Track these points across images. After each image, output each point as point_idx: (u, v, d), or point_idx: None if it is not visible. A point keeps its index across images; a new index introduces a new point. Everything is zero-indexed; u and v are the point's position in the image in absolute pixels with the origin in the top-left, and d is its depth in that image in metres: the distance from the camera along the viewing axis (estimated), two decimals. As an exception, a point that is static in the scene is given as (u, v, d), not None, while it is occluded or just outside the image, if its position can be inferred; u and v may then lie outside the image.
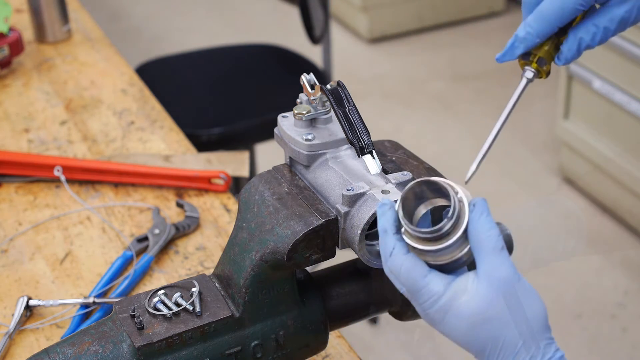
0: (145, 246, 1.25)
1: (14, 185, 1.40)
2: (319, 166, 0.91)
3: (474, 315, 0.72)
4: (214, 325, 0.88)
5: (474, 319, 0.72)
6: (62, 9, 1.85)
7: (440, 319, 0.74)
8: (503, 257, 0.73)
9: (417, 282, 0.74)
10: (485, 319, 0.72)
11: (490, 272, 0.73)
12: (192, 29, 4.20)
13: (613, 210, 2.84)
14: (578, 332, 2.46)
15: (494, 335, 0.72)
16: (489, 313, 0.72)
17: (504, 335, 0.72)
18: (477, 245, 0.73)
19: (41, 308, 1.15)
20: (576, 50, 0.85)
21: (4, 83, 1.71)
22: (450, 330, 0.74)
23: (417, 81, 3.74)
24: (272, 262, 0.86)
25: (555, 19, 0.83)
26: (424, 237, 0.74)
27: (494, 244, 0.73)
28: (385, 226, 0.76)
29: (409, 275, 0.74)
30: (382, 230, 0.76)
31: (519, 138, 3.30)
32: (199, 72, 2.48)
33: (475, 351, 0.74)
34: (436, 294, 0.74)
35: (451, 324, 0.74)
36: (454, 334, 0.74)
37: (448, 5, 4.10)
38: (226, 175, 1.38)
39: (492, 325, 0.72)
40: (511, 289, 0.73)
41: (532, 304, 0.73)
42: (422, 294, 0.74)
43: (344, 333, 1.13)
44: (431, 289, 0.74)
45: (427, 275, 0.74)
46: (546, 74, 0.85)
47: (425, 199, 0.77)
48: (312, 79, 0.92)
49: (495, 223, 0.74)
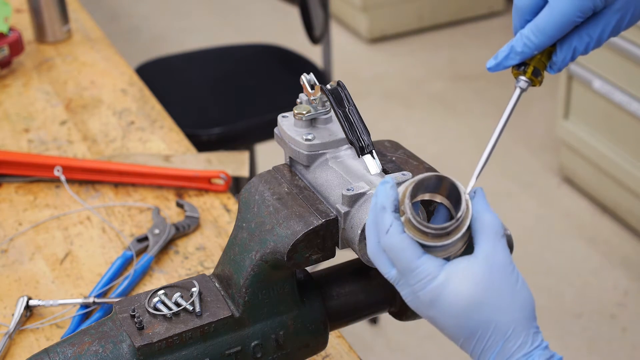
0: (145, 246, 1.25)
1: (14, 185, 1.40)
2: (319, 166, 0.91)
3: (469, 297, 0.72)
4: (214, 325, 0.88)
5: (468, 300, 0.72)
6: (62, 9, 1.85)
7: (432, 301, 0.73)
8: (503, 243, 0.74)
9: (411, 261, 0.73)
10: (479, 302, 0.72)
11: (489, 256, 0.73)
12: (192, 29, 4.20)
13: (613, 210, 2.84)
14: (578, 332, 2.46)
15: (486, 319, 0.72)
16: (484, 296, 0.72)
17: (497, 320, 0.72)
18: (479, 229, 0.74)
19: (41, 308, 1.15)
20: (570, 59, 0.84)
21: (4, 83, 1.71)
22: (441, 314, 0.74)
23: (417, 81, 3.74)
24: (272, 262, 0.86)
25: (555, 33, 0.81)
26: (428, 231, 0.74)
27: (496, 229, 0.74)
28: (384, 203, 0.75)
29: (404, 253, 0.73)
30: (380, 207, 0.75)
31: (519, 138, 3.30)
32: (199, 72, 2.48)
33: (465, 336, 0.74)
34: (430, 274, 0.73)
35: (443, 307, 0.73)
36: (444, 319, 0.74)
37: (448, 5, 4.10)
38: (226, 175, 1.38)
39: (485, 309, 0.72)
40: (508, 274, 0.73)
41: (524, 292, 0.74)
42: (416, 274, 0.73)
43: (344, 333, 1.13)
44: (426, 268, 0.73)
45: (422, 256, 0.74)
46: (539, 83, 0.85)
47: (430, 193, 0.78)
48: (312, 79, 0.92)
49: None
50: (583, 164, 2.89)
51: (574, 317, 2.51)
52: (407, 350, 2.43)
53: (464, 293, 0.72)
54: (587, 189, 2.94)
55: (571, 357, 2.39)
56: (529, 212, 2.94)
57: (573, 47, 0.83)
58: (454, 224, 0.74)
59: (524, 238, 2.78)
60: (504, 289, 0.73)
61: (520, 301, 0.73)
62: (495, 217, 0.74)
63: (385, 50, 3.98)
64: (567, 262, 2.72)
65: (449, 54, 3.93)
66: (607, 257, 2.72)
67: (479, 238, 0.74)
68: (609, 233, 2.81)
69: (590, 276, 2.66)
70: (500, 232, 0.74)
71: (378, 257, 0.76)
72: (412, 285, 0.74)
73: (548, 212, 2.93)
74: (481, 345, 0.73)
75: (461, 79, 3.73)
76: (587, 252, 2.75)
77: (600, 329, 2.47)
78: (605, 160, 2.75)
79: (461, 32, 4.11)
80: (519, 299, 0.73)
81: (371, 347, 2.43)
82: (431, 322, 0.76)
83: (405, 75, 3.78)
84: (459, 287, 0.73)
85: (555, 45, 0.83)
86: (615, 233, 2.81)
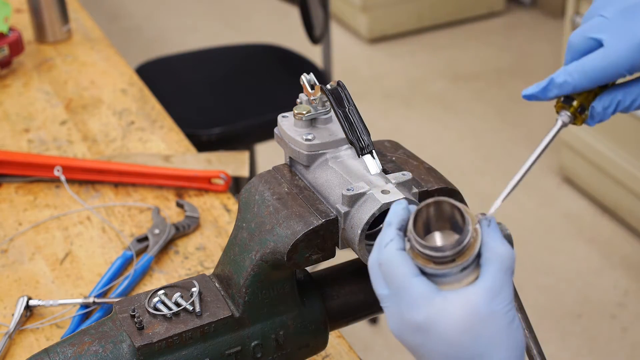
0: (145, 246, 1.25)
1: (14, 185, 1.40)
2: (319, 166, 0.91)
3: (465, 326, 0.67)
4: (214, 325, 0.88)
5: (463, 329, 0.67)
6: (62, 9, 1.85)
7: (421, 326, 0.68)
8: (511, 280, 0.70)
9: (406, 279, 0.69)
10: (476, 333, 0.68)
11: (493, 289, 0.68)
12: (192, 29, 4.20)
13: (613, 210, 2.84)
14: (578, 332, 2.46)
15: (479, 353, 0.68)
16: (481, 328, 0.67)
17: (489, 356, 0.68)
18: (489, 258, 0.69)
19: (41, 308, 1.15)
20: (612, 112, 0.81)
21: (4, 83, 1.71)
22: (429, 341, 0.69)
23: (417, 81, 3.74)
24: (272, 262, 0.86)
25: (597, 78, 0.78)
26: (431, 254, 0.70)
27: (508, 264, 0.69)
28: (391, 220, 0.72)
29: (399, 270, 0.69)
30: (387, 223, 0.72)
31: (519, 138, 3.30)
32: (199, 72, 2.48)
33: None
34: (425, 296, 0.68)
35: (435, 334, 0.68)
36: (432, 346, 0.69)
37: (448, 5, 4.10)
38: (226, 175, 1.38)
39: (480, 342, 0.68)
40: (506, 312, 0.68)
41: (518, 333, 0.69)
42: (409, 293, 0.69)
43: (344, 333, 1.13)
44: (421, 289, 0.68)
45: (418, 275, 0.69)
46: (582, 122, 0.82)
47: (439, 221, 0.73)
48: (312, 79, 0.92)
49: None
50: (583, 164, 2.89)
51: (574, 317, 2.51)
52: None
53: (460, 321, 0.67)
54: (587, 189, 2.94)
55: (571, 357, 2.39)
56: (529, 212, 2.94)
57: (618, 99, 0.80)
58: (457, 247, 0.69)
59: (524, 238, 2.79)
60: (502, 325, 0.68)
61: (514, 341, 0.69)
62: (510, 249, 0.69)
63: (385, 50, 3.99)
64: (567, 262, 2.72)
65: (449, 54, 3.93)
66: (607, 257, 2.72)
67: (487, 268, 0.69)
68: (609, 233, 2.81)
69: (590, 276, 2.66)
70: (512, 268, 0.69)
71: (373, 271, 0.73)
72: (401, 306, 0.69)
73: (548, 212, 2.93)
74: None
75: (461, 79, 3.73)
76: (587, 252, 2.75)
77: (600, 329, 2.47)
78: (605, 160, 2.75)
79: (461, 32, 4.11)
80: (513, 338, 0.69)
81: (371, 347, 2.43)
82: (411, 349, 0.72)
83: (405, 75, 3.78)
84: (456, 314, 0.67)
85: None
86: (615, 233, 2.81)
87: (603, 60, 0.78)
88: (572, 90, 0.80)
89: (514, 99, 3.54)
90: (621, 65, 0.77)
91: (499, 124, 3.41)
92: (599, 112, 0.81)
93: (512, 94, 3.59)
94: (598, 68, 0.78)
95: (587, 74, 0.78)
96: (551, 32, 4.03)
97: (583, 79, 0.79)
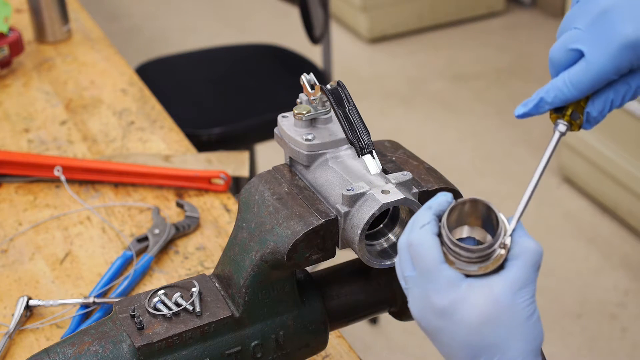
0: (145, 246, 1.25)
1: (14, 185, 1.40)
2: (319, 166, 0.91)
3: (487, 314, 0.69)
4: (214, 325, 0.88)
5: (485, 318, 0.69)
6: (62, 9, 1.85)
7: (445, 309, 0.70)
8: (535, 276, 0.72)
9: (436, 263, 0.71)
10: (496, 322, 0.69)
11: (518, 281, 0.70)
12: (192, 29, 4.20)
13: (613, 210, 2.84)
14: (578, 332, 2.46)
15: (497, 342, 0.70)
16: (502, 318, 0.70)
17: (507, 345, 0.70)
18: (517, 253, 0.71)
19: (41, 308, 1.15)
20: (607, 112, 0.82)
21: (4, 83, 1.71)
22: (452, 326, 0.71)
23: (417, 81, 3.74)
24: (272, 262, 0.86)
25: (587, 88, 0.79)
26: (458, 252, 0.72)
27: (535, 260, 0.71)
28: (432, 205, 0.74)
29: (431, 253, 0.71)
30: (427, 206, 0.74)
31: (519, 138, 3.30)
32: (199, 72, 2.48)
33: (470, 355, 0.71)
34: (452, 281, 0.70)
35: (457, 319, 0.70)
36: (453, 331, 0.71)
37: (448, 6, 4.10)
38: (226, 175, 1.38)
39: (500, 331, 0.70)
40: (528, 304, 0.71)
41: (538, 326, 0.71)
42: (437, 277, 0.71)
43: (344, 333, 1.13)
44: (449, 274, 0.71)
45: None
46: (578, 127, 0.82)
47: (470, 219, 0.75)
48: (312, 79, 0.92)
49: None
50: (583, 164, 2.89)
51: (574, 317, 2.51)
52: (407, 350, 2.43)
53: (482, 310, 0.70)
54: (587, 189, 2.94)
55: (571, 357, 2.39)
56: (529, 212, 2.94)
57: (610, 99, 0.81)
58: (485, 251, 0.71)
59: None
60: (521, 318, 0.70)
61: (534, 334, 0.71)
62: (538, 245, 0.72)
63: (385, 50, 3.98)
64: (567, 262, 2.72)
65: (449, 54, 3.93)
66: (607, 257, 2.72)
67: (515, 261, 0.71)
68: (609, 233, 2.81)
69: (590, 276, 2.66)
70: (539, 263, 0.71)
71: (402, 252, 0.74)
72: (427, 289, 0.71)
73: (548, 212, 2.93)
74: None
75: (461, 79, 3.73)
76: (587, 252, 2.75)
77: (600, 329, 2.47)
78: (605, 160, 2.75)
79: (461, 32, 4.11)
80: (533, 331, 0.71)
81: (371, 347, 2.43)
82: (430, 333, 0.73)
83: (405, 75, 3.78)
84: (479, 302, 0.70)
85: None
86: (615, 233, 2.81)
87: (588, 72, 0.78)
88: (564, 103, 0.80)
89: (514, 99, 3.54)
90: (607, 71, 0.77)
91: (499, 124, 3.41)
92: (595, 117, 0.82)
93: (512, 94, 3.59)
94: (586, 80, 0.78)
95: (577, 86, 0.79)
96: (551, 32, 4.03)
97: (573, 91, 0.79)
